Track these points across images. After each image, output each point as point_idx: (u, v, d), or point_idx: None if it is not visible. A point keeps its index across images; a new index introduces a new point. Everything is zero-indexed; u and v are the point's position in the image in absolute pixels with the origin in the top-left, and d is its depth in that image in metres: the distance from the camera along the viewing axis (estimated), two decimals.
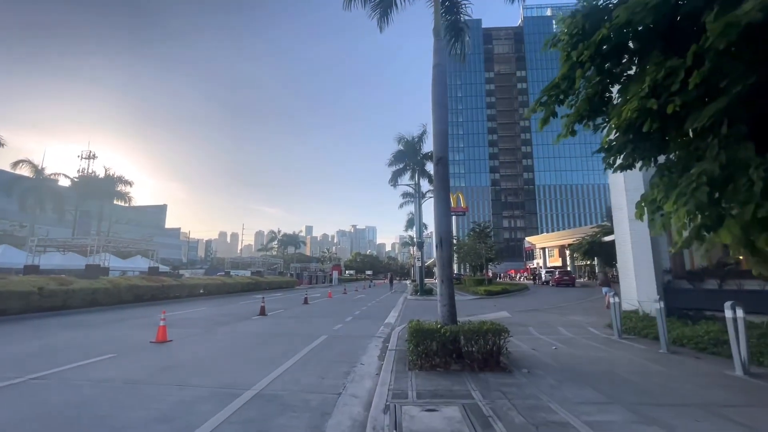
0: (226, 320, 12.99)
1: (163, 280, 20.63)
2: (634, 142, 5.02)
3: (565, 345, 8.03)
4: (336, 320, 13.31)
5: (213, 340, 9.23)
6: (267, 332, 10.52)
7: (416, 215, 32.77)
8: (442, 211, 6.97)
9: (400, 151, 31.13)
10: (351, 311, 16.54)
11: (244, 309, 17.01)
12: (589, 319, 12.57)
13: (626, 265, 11.42)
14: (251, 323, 12.40)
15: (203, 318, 13.56)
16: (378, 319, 13.96)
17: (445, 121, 7.27)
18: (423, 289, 27.50)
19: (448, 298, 6.66)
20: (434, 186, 7.05)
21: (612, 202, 11.98)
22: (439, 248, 6.86)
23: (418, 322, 6.58)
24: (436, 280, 30.49)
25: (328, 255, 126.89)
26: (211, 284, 24.45)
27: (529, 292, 29.43)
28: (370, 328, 11.60)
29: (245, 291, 28.68)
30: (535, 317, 13.26)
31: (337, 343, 8.98)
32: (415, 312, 16.11)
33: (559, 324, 11.36)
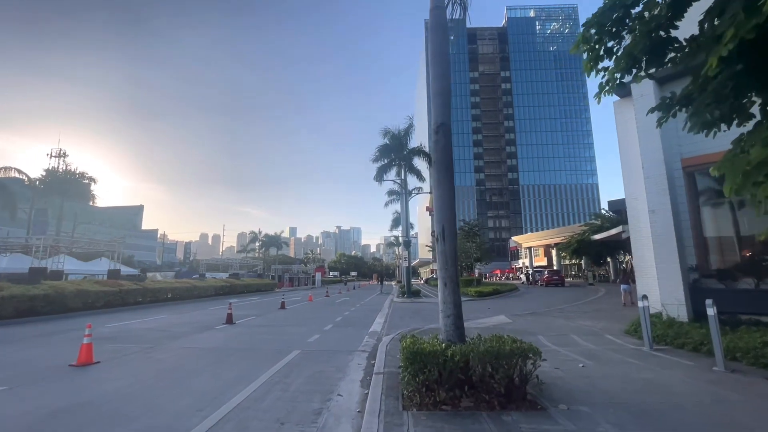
0: (183, 331, 11.07)
1: (121, 284, 18.40)
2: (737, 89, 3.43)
3: (592, 361, 6.51)
4: (313, 329, 11.56)
5: (155, 359, 7.37)
6: (228, 347, 8.70)
7: (403, 213, 31.22)
8: (445, 193, 5.35)
9: (385, 146, 29.47)
10: (332, 317, 14.79)
11: (210, 316, 15.06)
12: (600, 323, 11.18)
13: (644, 262, 10.06)
14: (213, 334, 10.53)
15: (157, 329, 11.59)
16: (362, 326, 12.27)
17: (446, 77, 5.66)
18: (410, 291, 25.94)
19: (453, 306, 5.04)
20: (434, 161, 5.43)
21: (626, 193, 10.62)
22: (440, 241, 5.23)
23: (414, 339, 4.94)
24: (421, 281, 29.13)
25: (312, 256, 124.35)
26: (179, 288, 22.25)
27: (520, 293, 28.21)
28: (353, 338, 9.90)
29: (219, 295, 26.51)
30: (539, 322, 11.80)
31: (310, 361, 7.25)
32: (403, 317, 14.49)
33: (570, 331, 9.91)
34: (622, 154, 10.73)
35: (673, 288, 8.97)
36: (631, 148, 10.41)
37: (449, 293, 5.07)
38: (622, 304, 16.27)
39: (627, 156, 10.62)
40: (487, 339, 5.09)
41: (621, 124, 10.86)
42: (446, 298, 5.09)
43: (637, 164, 10.11)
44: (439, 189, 5.35)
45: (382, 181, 29.70)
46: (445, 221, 5.25)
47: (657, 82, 9.86)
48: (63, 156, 42.41)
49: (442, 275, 5.18)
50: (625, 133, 10.74)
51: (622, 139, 10.78)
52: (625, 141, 10.71)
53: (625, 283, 16.85)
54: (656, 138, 9.43)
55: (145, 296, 19.54)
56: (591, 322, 11.56)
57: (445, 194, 5.33)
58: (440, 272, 5.21)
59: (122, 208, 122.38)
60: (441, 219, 5.28)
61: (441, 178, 5.35)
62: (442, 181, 5.34)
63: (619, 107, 10.95)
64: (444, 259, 5.18)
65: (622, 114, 10.82)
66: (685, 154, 9.60)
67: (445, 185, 5.34)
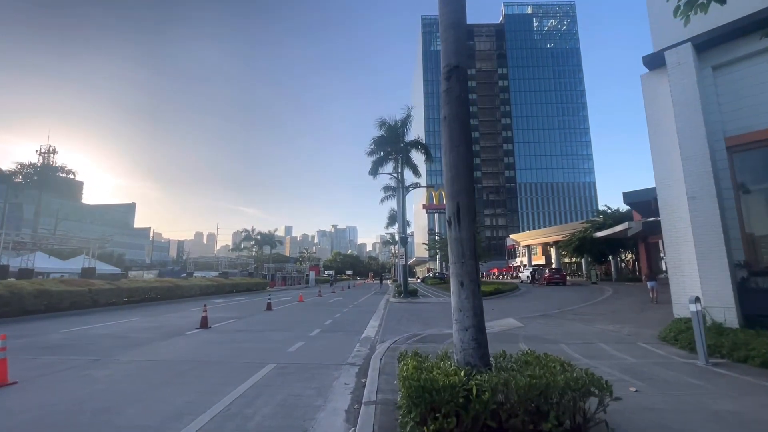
0: (145, 338, 9.56)
1: (92, 283, 16.82)
2: None
3: (643, 382, 5.11)
4: (298, 334, 10.10)
5: (89, 378, 5.88)
6: (190, 359, 7.22)
7: (399, 209, 29.81)
8: (460, 159, 3.91)
9: (381, 138, 27.99)
10: (321, 320, 13.33)
11: (186, 319, 13.55)
12: (625, 327, 9.81)
13: (680, 258, 8.70)
14: (178, 342, 9.04)
15: (116, 335, 10.08)
16: (353, 331, 10.82)
17: (461, 10, 4.21)
18: (407, 291, 24.50)
19: (473, 315, 3.61)
20: (445, 116, 3.98)
21: (656, 179, 9.24)
22: (454, 224, 3.80)
23: (416, 360, 3.53)
24: (418, 280, 27.31)
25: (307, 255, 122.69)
26: (159, 288, 20.67)
27: (522, 292, 26.87)
28: (342, 347, 8.45)
29: (204, 295, 24.93)
30: (554, 327, 10.41)
31: (286, 379, 5.80)
32: (400, 320, 13.07)
33: (595, 337, 8.52)
34: (652, 135, 9.35)
35: (718, 288, 7.60)
36: (663, 127, 9.04)
37: (467, 297, 3.64)
38: (650, 301, 16.19)
39: (658, 137, 9.24)
40: (520, 359, 3.67)
41: (651, 100, 9.48)
42: (462, 304, 3.65)
43: (670, 145, 8.74)
44: (453, 154, 3.91)
45: (377, 175, 28.30)
46: (460, 196, 3.82)
47: (696, 48, 8.50)
48: (53, 152, 40.64)
49: (456, 271, 3.74)
50: (655, 110, 9.37)
51: (652, 117, 9.40)
52: (655, 119, 9.33)
53: (651, 279, 16.66)
54: (697, 112, 8.06)
55: (119, 297, 17.97)
56: (613, 325, 10.18)
57: (460, 161, 3.89)
58: (454, 267, 3.77)
59: (114, 206, 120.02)
60: (455, 193, 3.84)
61: (455, 138, 3.90)
62: (456, 142, 3.90)
63: (649, 81, 9.57)
64: (459, 250, 3.74)
65: (652, 89, 9.44)
66: (729, 132, 8.26)
67: (460, 148, 3.90)
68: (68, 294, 15.07)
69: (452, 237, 3.82)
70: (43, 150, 43.44)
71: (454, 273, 3.76)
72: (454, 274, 3.75)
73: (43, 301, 14.04)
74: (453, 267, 3.79)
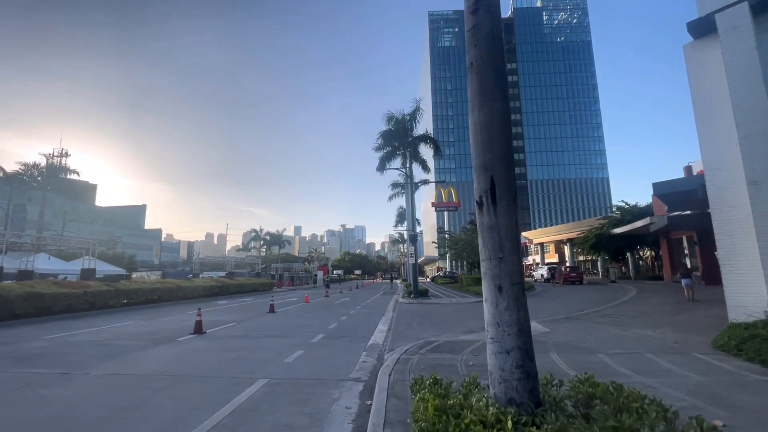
0: (131, 346, 8.69)
1: (88, 285, 16.11)
2: None
3: (728, 413, 4.00)
4: (298, 341, 9.14)
5: (42, 400, 4.97)
6: (171, 372, 6.29)
7: (408, 206, 28.72)
8: (494, 117, 2.85)
9: (389, 132, 26.94)
10: (325, 324, 12.37)
11: (182, 323, 12.71)
12: (667, 333, 8.62)
13: (735, 252, 7.52)
14: (165, 351, 8.15)
15: (100, 342, 9.23)
16: (359, 337, 9.82)
17: None
18: (417, 291, 23.44)
19: (517, 333, 2.57)
20: (472, 62, 2.95)
21: (704, 162, 8.05)
22: (487, 205, 2.76)
23: (438, 399, 2.49)
24: (427, 279, 25.96)
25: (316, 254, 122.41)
26: (161, 289, 19.93)
27: (539, 292, 25.62)
28: (345, 357, 7.45)
29: (208, 296, 24.19)
30: (584, 332, 9.27)
31: (275, 401, 4.82)
32: (410, 323, 12.04)
33: (637, 345, 7.38)
34: (698, 113, 8.16)
35: None
36: (713, 103, 7.85)
37: (508, 307, 2.59)
38: (685, 300, 15.32)
39: (706, 114, 8.04)
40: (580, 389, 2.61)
41: (696, 72, 8.28)
42: (501, 317, 2.60)
43: (722, 123, 7.55)
44: (483, 111, 2.86)
45: (384, 171, 27.24)
46: (495, 167, 2.77)
47: (752, 10, 7.29)
48: (65, 155, 40.56)
49: (492, 271, 2.69)
50: (702, 83, 8.17)
51: (699, 92, 8.21)
52: (702, 94, 8.14)
53: (686, 277, 15.75)
54: (757, 82, 6.87)
55: (117, 299, 17.25)
56: (653, 330, 9.00)
57: (494, 119, 2.84)
58: (488, 266, 2.72)
59: (125, 207, 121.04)
60: (487, 164, 2.80)
61: (487, 89, 2.86)
62: (488, 95, 2.85)
63: (694, 51, 8.37)
64: (495, 241, 2.69)
65: (698, 60, 8.24)
66: None
67: (494, 103, 2.85)
68: (62, 296, 14.35)
69: (484, 224, 2.77)
70: (55, 153, 43.55)
71: (488, 274, 2.71)
72: (489, 275, 2.70)
73: (34, 304, 13.32)
74: (486, 265, 2.75)
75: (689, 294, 15.42)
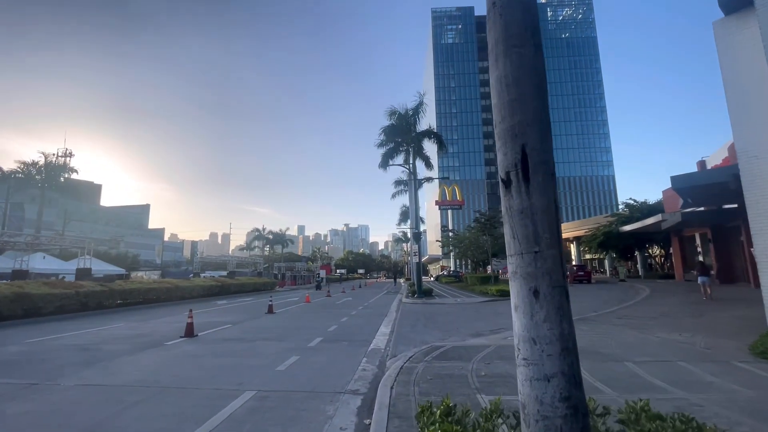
0: (115, 350, 8.10)
1: (81, 285, 15.58)
2: None
3: None
4: (294, 345, 8.52)
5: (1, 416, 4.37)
6: (151, 382, 5.68)
7: (411, 203, 28.02)
8: (525, 68, 2.18)
9: (391, 127, 26.27)
10: (325, 326, 11.74)
11: (175, 325, 12.14)
12: (697, 337, 7.90)
13: None
14: (152, 356, 7.55)
15: (83, 346, 8.65)
16: (360, 341, 9.18)
17: None
18: (421, 290, 22.77)
19: (560, 354, 1.90)
20: (493, 3, 2.26)
21: (738, 148, 7.31)
22: (516, 186, 2.10)
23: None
24: (431, 279, 25.14)
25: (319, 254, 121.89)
26: (158, 289, 19.40)
27: None
28: (343, 364, 6.81)
29: (208, 296, 23.64)
30: (604, 335, 8.56)
31: (260, 419, 4.18)
32: (415, 325, 11.38)
33: (666, 351, 6.67)
34: (730, 94, 7.43)
35: None
36: (748, 83, 7.12)
37: (548, 317, 1.93)
38: (702, 299, 14.94)
39: (739, 97, 7.32)
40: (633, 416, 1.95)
41: (728, 52, 7.55)
42: (539, 330, 1.94)
43: (758, 105, 6.83)
44: (509, 61, 2.20)
45: (387, 167, 26.57)
46: (528, 134, 2.12)
47: None
48: (69, 155, 40.24)
49: (524, 270, 2.03)
50: (734, 64, 7.44)
51: (731, 72, 7.49)
52: (735, 74, 7.41)
53: (703, 275, 15.31)
54: None
55: (111, 299, 16.72)
56: (679, 334, 8.28)
57: (524, 72, 2.18)
58: (517, 262, 2.06)
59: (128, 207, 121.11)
60: (516, 129, 2.14)
61: (512, 33, 2.20)
62: (515, 40, 2.19)
63: (725, 28, 7.64)
64: (528, 229, 2.04)
65: (731, 37, 7.51)
66: None
67: (524, 50, 2.19)
68: (52, 297, 13.81)
69: (513, 208, 2.11)
70: (59, 153, 43.22)
71: (519, 273, 2.05)
72: (521, 275, 2.04)
73: (22, 305, 12.79)
74: (516, 262, 2.08)
75: (707, 292, 15.02)
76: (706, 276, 15.23)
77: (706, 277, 15.21)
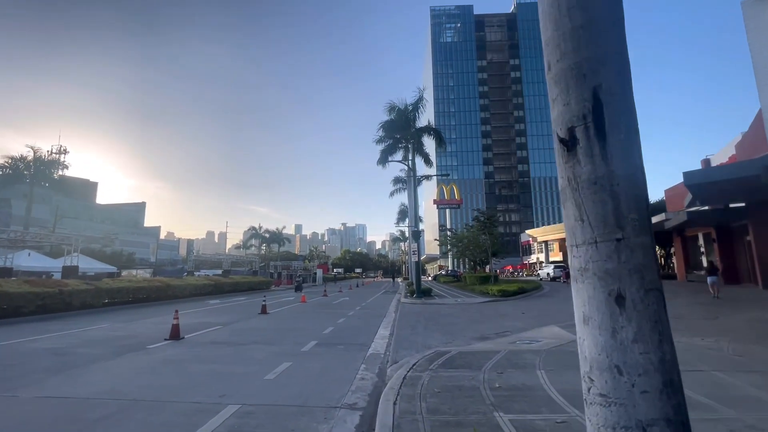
0: (95, 354, 7.44)
1: (64, 284, 14.87)
2: None
3: None
4: (287, 349, 7.88)
5: None
6: (123, 394, 5.02)
7: (410, 201, 27.40)
8: None
9: (390, 122, 25.63)
10: (320, 327, 11.10)
11: (162, 326, 11.44)
12: (721, 341, 7.31)
13: None
14: (131, 361, 6.90)
15: (57, 350, 7.97)
16: (357, 345, 8.55)
17: None
18: (420, 290, 22.16)
19: (660, 392, 1.30)
20: None
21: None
22: (587, 144, 1.48)
23: None
24: (429, 278, 24.47)
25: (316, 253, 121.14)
26: (147, 288, 18.70)
27: (548, 292, 24.34)
28: (339, 372, 6.17)
29: (200, 295, 22.94)
30: None
31: None
32: (415, 327, 10.77)
33: (695, 359, 6.07)
34: (761, 76, 6.85)
35: None
36: None
37: (638, 334, 1.33)
38: (710, 299, 14.79)
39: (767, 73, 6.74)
40: None
41: (757, 31, 6.97)
42: (625, 354, 1.31)
43: None
44: None
45: (386, 164, 25.96)
46: (601, 72, 1.49)
47: None
48: (63, 152, 39.36)
49: (602, 265, 1.40)
50: (761, 40, 6.86)
51: (760, 53, 6.90)
52: (762, 51, 6.83)
53: (712, 274, 15.41)
54: None
55: (98, 298, 16.01)
56: (700, 339, 7.70)
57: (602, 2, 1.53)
58: (588, 254, 1.43)
59: (124, 205, 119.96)
60: (585, 66, 1.52)
61: None
62: None
63: (754, 7, 7.05)
64: (607, 206, 1.40)
65: (761, 16, 6.92)
66: None
67: None
68: (33, 296, 13.11)
69: (581, 176, 1.48)
70: (54, 150, 42.29)
71: (591, 270, 1.43)
72: (594, 272, 1.42)
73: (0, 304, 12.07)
74: (585, 254, 1.46)
75: (715, 292, 15.15)
76: (715, 275, 15.35)
77: (715, 276, 15.34)
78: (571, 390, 4.54)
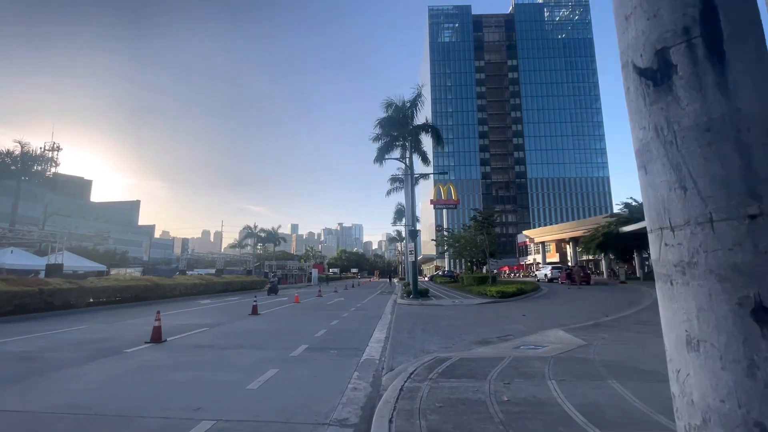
0: (66, 359, 6.85)
1: (46, 282, 14.22)
2: None
3: None
4: (274, 354, 7.33)
5: None
6: (84, 409, 4.45)
7: (407, 200, 26.91)
8: None
9: (387, 119, 25.09)
10: (312, 329, 10.54)
11: (145, 327, 10.80)
12: None
13: None
14: (102, 368, 6.31)
15: (27, 354, 7.37)
16: (351, 349, 8.00)
17: None
18: (417, 291, 21.64)
19: None
20: None
21: None
22: (696, 68, 0.93)
23: None
24: (426, 279, 23.86)
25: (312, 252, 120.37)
26: (134, 287, 18.04)
27: (547, 293, 23.90)
28: (330, 381, 5.63)
29: (191, 294, 22.29)
30: (631, 344, 7.50)
31: None
32: (412, 330, 10.23)
33: None
34: None
35: None
36: None
37: None
38: None
39: None
40: None
41: None
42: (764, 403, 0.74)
43: None
44: None
45: (383, 161, 25.41)
46: None
47: None
48: (57, 149, 38.50)
49: (720, 256, 0.87)
50: None
51: None
52: None
53: None
54: None
55: (81, 298, 15.35)
56: None
57: None
58: (693, 239, 0.90)
59: (118, 203, 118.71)
60: None
61: None
62: None
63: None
64: (734, 164, 0.86)
65: None
66: None
67: None
68: (10, 295, 12.45)
69: (684, 120, 0.95)
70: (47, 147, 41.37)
71: (701, 264, 0.90)
72: (707, 267, 0.91)
73: None
74: (688, 239, 0.92)
75: None
76: None
77: None
78: (589, 406, 4.03)
